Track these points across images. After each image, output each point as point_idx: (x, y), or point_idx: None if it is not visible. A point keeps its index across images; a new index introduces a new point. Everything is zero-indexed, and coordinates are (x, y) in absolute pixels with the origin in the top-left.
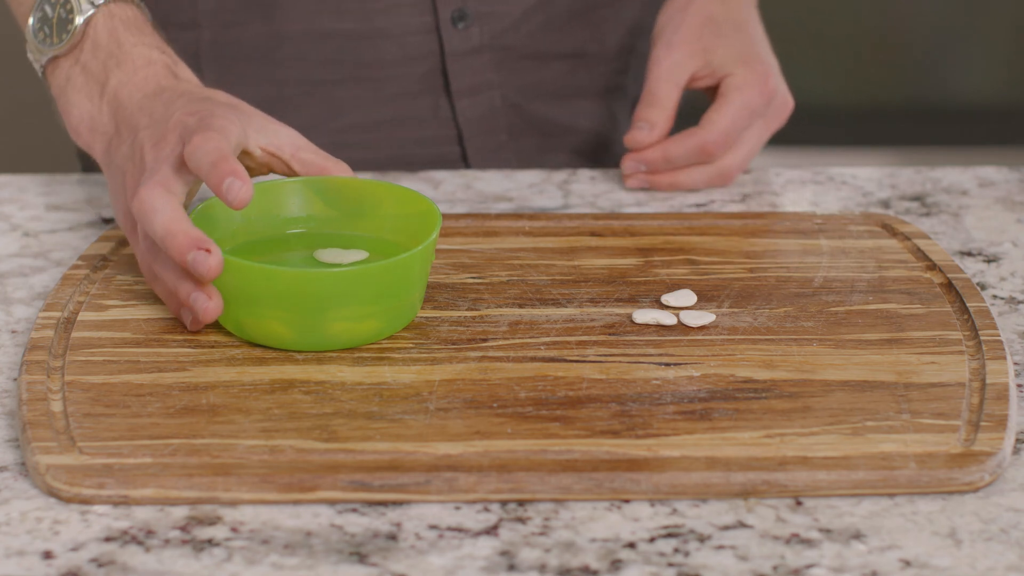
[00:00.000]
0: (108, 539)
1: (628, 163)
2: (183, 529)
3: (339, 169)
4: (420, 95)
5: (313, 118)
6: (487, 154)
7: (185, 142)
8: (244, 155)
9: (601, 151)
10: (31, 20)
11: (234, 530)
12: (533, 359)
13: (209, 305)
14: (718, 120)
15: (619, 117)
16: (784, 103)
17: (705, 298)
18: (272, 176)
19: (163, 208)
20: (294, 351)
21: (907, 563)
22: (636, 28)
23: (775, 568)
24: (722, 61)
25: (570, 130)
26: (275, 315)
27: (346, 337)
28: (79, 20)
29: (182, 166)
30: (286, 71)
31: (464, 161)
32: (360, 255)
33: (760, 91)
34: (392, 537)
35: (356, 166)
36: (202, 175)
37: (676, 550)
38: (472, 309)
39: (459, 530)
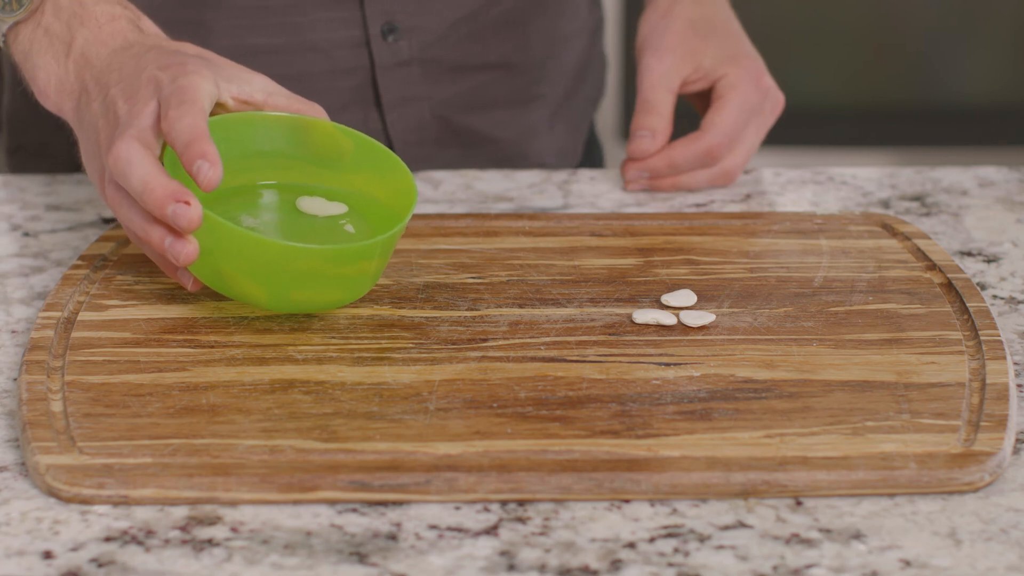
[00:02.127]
0: (108, 539)
1: (632, 172)
2: (183, 529)
3: (314, 111)
4: (349, 108)
5: None
6: (415, 165)
7: (161, 102)
8: (218, 106)
9: (518, 160)
10: None
11: (234, 530)
12: (533, 359)
13: (188, 248)
14: (720, 122)
15: (537, 125)
16: (776, 99)
17: (705, 298)
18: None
19: (139, 161)
20: (292, 350)
21: (907, 563)
22: (558, 36)
23: (775, 568)
24: (712, 63)
25: (489, 140)
26: (245, 270)
27: (310, 304)
28: None
29: (157, 121)
30: None
31: None
32: (340, 208)
33: (756, 88)
34: (392, 537)
35: None
36: (176, 151)
37: (676, 550)
38: (472, 309)
39: (459, 530)
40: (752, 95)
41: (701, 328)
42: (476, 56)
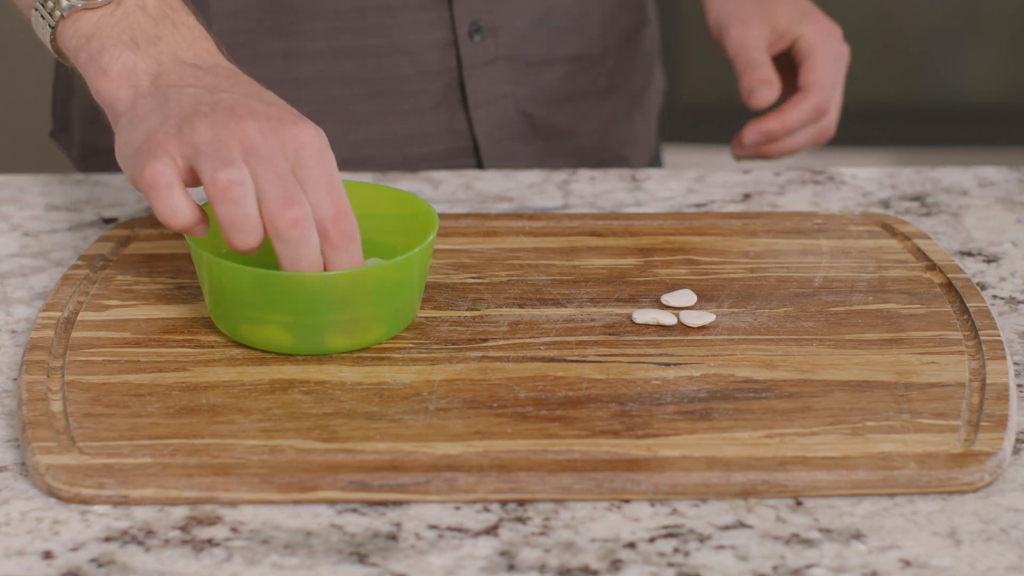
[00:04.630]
0: (108, 539)
1: (751, 134)
2: (183, 529)
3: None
4: (436, 108)
5: (329, 133)
6: (499, 162)
7: (308, 181)
8: None
9: (601, 152)
10: None
11: (234, 530)
12: (533, 359)
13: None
14: (818, 79)
15: (616, 117)
16: (846, 51)
17: (705, 298)
18: None
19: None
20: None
21: (907, 563)
22: (629, 27)
23: (775, 568)
24: (787, 24)
25: (572, 133)
26: (275, 319)
27: (345, 341)
28: None
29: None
30: (305, 89)
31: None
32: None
33: (837, 41)
34: (392, 537)
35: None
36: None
37: (676, 550)
38: (472, 309)
39: (459, 530)
40: (835, 47)
41: (701, 328)
42: (555, 50)
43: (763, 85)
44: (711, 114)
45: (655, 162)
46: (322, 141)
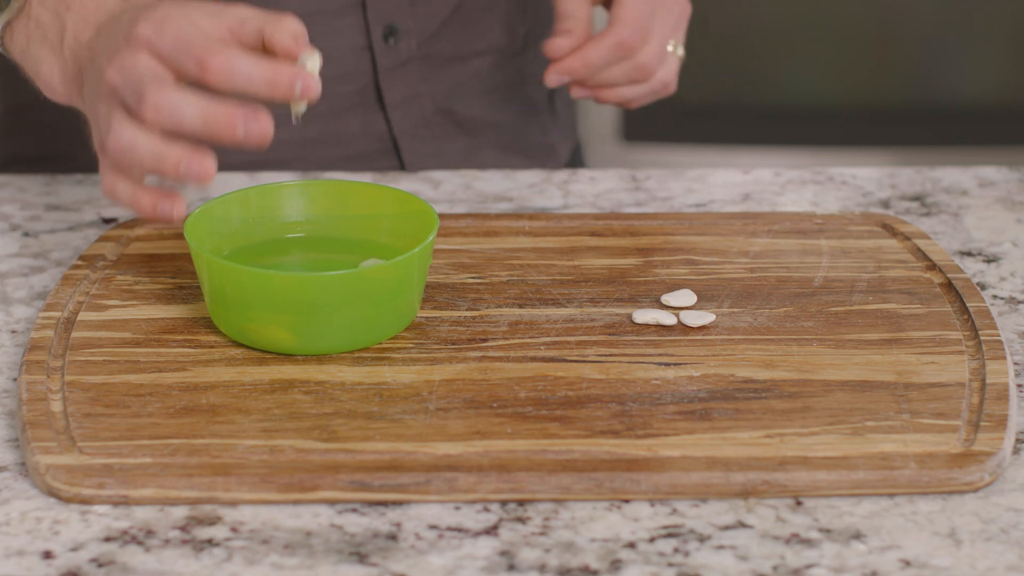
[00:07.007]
0: (108, 539)
1: (551, 76)
2: (183, 529)
3: (286, 23)
4: (351, 111)
5: None
6: (424, 162)
7: (164, 55)
8: None
9: (525, 141)
10: None
11: (234, 530)
12: (533, 359)
13: (205, 163)
14: (625, 15)
15: (536, 104)
16: (683, 3)
17: (705, 298)
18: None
19: (189, 100)
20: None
21: (907, 563)
22: (540, 16)
23: (775, 568)
24: None
25: (493, 124)
26: (276, 320)
27: (345, 341)
28: None
29: (161, 71)
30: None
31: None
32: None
33: None
34: (392, 537)
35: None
36: (260, 94)
37: (676, 550)
38: (472, 309)
39: (459, 530)
40: None
41: (701, 328)
42: (467, 45)
43: (561, 35)
44: (710, 114)
45: (578, 146)
46: (147, 56)
